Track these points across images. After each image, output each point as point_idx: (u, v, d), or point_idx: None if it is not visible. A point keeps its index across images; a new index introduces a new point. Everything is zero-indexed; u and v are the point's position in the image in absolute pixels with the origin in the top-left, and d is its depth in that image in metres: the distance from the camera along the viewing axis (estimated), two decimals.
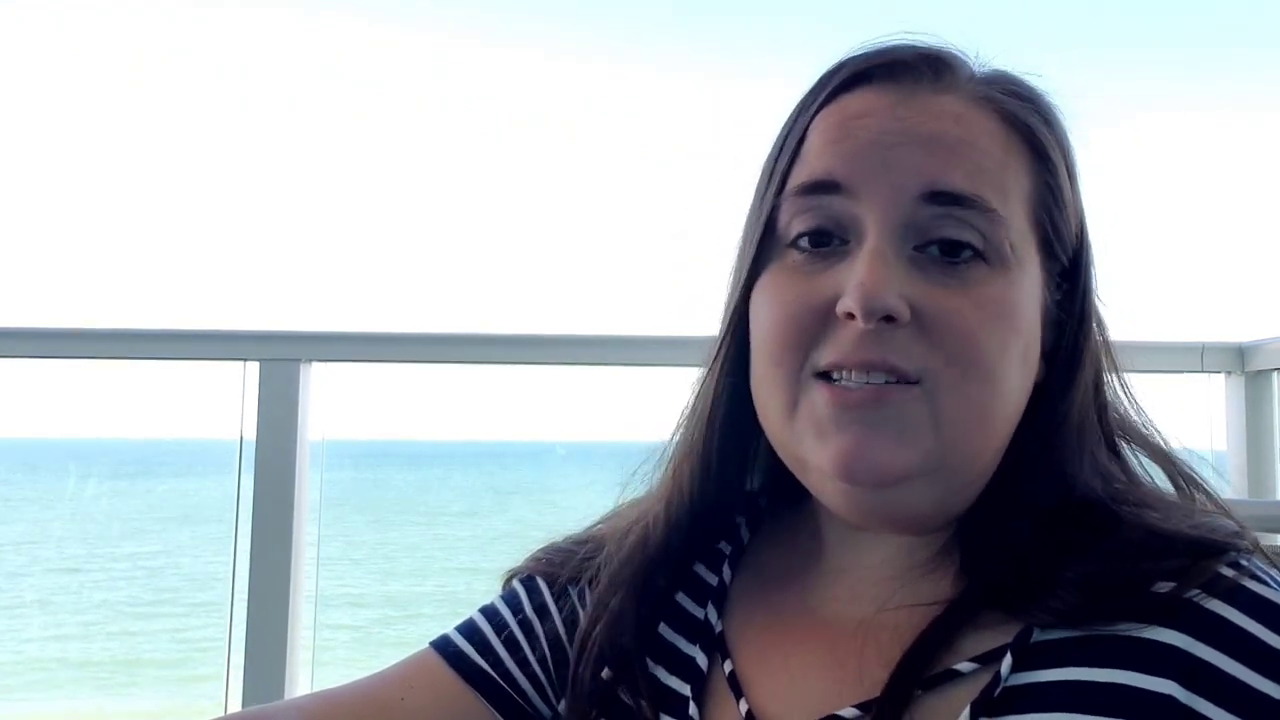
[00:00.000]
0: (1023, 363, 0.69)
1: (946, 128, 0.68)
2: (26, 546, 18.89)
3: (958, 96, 0.70)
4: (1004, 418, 0.69)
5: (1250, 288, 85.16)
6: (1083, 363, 0.73)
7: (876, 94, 0.70)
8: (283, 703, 0.79)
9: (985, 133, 0.69)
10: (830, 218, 0.69)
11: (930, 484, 0.69)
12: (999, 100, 0.71)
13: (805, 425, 0.69)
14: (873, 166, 0.68)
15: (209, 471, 22.42)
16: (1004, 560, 0.69)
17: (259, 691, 1.69)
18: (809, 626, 0.74)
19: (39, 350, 1.91)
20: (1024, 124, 0.71)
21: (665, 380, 1.87)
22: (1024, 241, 0.70)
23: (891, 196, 0.67)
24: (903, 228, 0.67)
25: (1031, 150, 0.71)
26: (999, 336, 0.67)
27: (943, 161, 0.67)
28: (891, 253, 0.67)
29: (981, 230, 0.67)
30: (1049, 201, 0.71)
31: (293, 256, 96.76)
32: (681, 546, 0.79)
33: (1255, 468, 1.79)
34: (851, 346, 0.66)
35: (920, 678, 0.66)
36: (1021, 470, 0.71)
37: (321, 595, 1.85)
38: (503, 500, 26.19)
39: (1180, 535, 0.67)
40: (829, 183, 0.69)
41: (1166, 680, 0.62)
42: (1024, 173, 0.70)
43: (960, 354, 0.66)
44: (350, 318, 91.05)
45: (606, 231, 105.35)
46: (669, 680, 0.75)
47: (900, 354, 0.66)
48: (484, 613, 0.83)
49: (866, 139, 0.69)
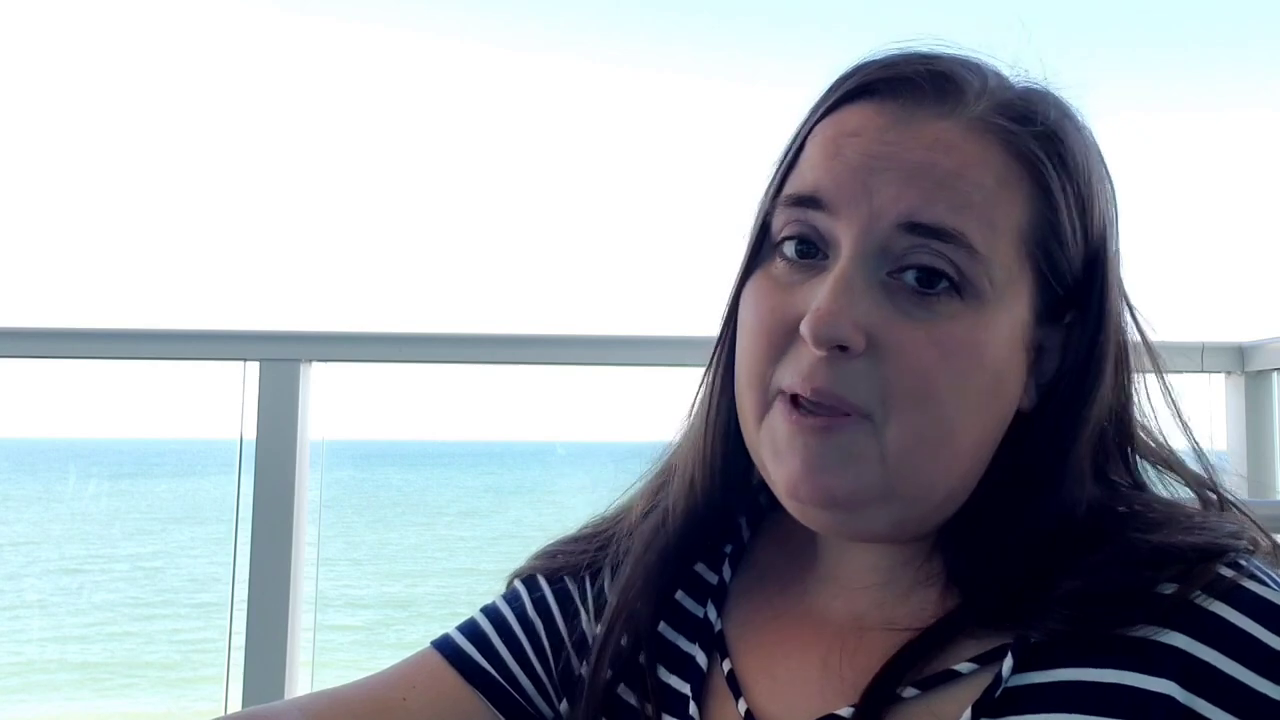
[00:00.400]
0: (991, 396, 0.68)
1: (936, 159, 0.67)
2: (26, 547, 18.89)
3: (956, 123, 0.68)
4: (964, 447, 0.68)
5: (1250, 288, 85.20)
6: (1090, 395, 0.71)
7: (875, 111, 0.70)
8: (283, 702, 0.79)
9: (979, 163, 0.68)
10: (813, 230, 0.70)
11: (883, 508, 0.68)
12: (1003, 129, 0.69)
13: (767, 439, 0.70)
14: (854, 189, 0.68)
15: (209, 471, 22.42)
16: (993, 572, 0.68)
17: (259, 692, 1.69)
18: (806, 627, 0.74)
19: (39, 350, 1.91)
20: (1029, 155, 0.69)
21: (665, 380, 1.87)
22: (1009, 275, 0.68)
23: (868, 221, 0.67)
24: (877, 253, 0.67)
25: (1034, 182, 0.69)
26: (956, 374, 0.66)
27: (924, 193, 0.66)
28: (861, 278, 0.67)
29: (958, 264, 0.66)
30: (1046, 235, 0.69)
31: (293, 256, 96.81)
32: (690, 547, 0.79)
33: (1255, 468, 1.79)
34: (806, 372, 0.67)
35: (894, 692, 0.66)
36: (1008, 491, 0.70)
37: (321, 596, 1.85)
38: (503, 500, 26.19)
39: (1178, 543, 0.67)
40: (813, 198, 0.69)
41: (1166, 681, 0.62)
42: (1019, 205, 0.68)
43: (911, 391, 0.66)
44: (350, 318, 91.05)
45: (607, 231, 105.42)
46: (669, 679, 0.75)
47: (848, 388, 0.66)
48: (486, 612, 0.83)
49: (853, 159, 0.68)
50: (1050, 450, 0.70)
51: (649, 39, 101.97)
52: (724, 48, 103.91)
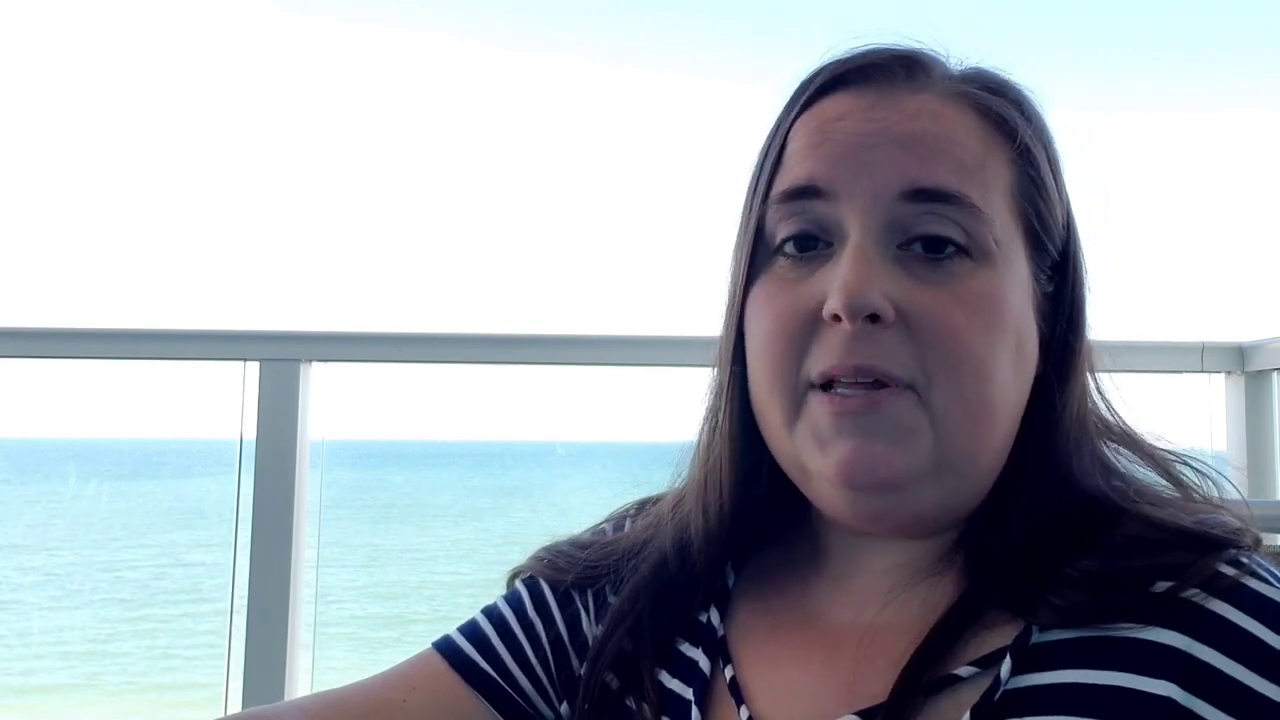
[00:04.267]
0: (1016, 355, 0.69)
1: (924, 126, 0.69)
2: (26, 547, 18.89)
3: (933, 94, 0.71)
4: (1003, 412, 0.69)
5: (1250, 288, 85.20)
6: (1077, 356, 0.73)
7: (853, 97, 0.71)
8: (284, 703, 0.79)
9: (963, 128, 0.70)
10: (814, 222, 0.70)
11: (934, 485, 0.69)
12: (975, 96, 0.71)
13: (806, 436, 0.69)
14: (852, 168, 0.68)
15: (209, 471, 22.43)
16: (1007, 559, 0.68)
17: (259, 692, 1.69)
18: (809, 633, 0.74)
19: (39, 350, 1.91)
20: (1002, 118, 0.71)
21: (665, 380, 1.87)
22: (1009, 235, 0.70)
23: (872, 197, 0.68)
24: (885, 227, 0.68)
25: (1011, 144, 0.71)
26: (986, 331, 0.67)
27: (922, 160, 0.68)
28: (875, 252, 0.67)
29: (964, 226, 0.67)
30: (1033, 194, 0.71)
31: (293, 256, 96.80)
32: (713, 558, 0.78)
33: (1255, 468, 1.79)
34: (841, 352, 0.66)
35: (924, 683, 0.66)
36: (1026, 467, 0.71)
37: (321, 595, 1.85)
38: (503, 500, 26.18)
39: (1182, 528, 0.67)
40: (810, 188, 0.69)
41: (1166, 682, 0.62)
42: (1004, 166, 0.70)
43: (948, 353, 0.66)
44: (350, 318, 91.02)
45: (607, 231, 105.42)
46: (671, 683, 0.75)
47: (888, 358, 0.66)
48: (486, 613, 0.83)
49: (845, 141, 0.69)
50: (1055, 416, 0.71)
51: (649, 39, 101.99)
52: (725, 48, 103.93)
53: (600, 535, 0.85)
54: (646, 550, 0.80)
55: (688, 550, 0.77)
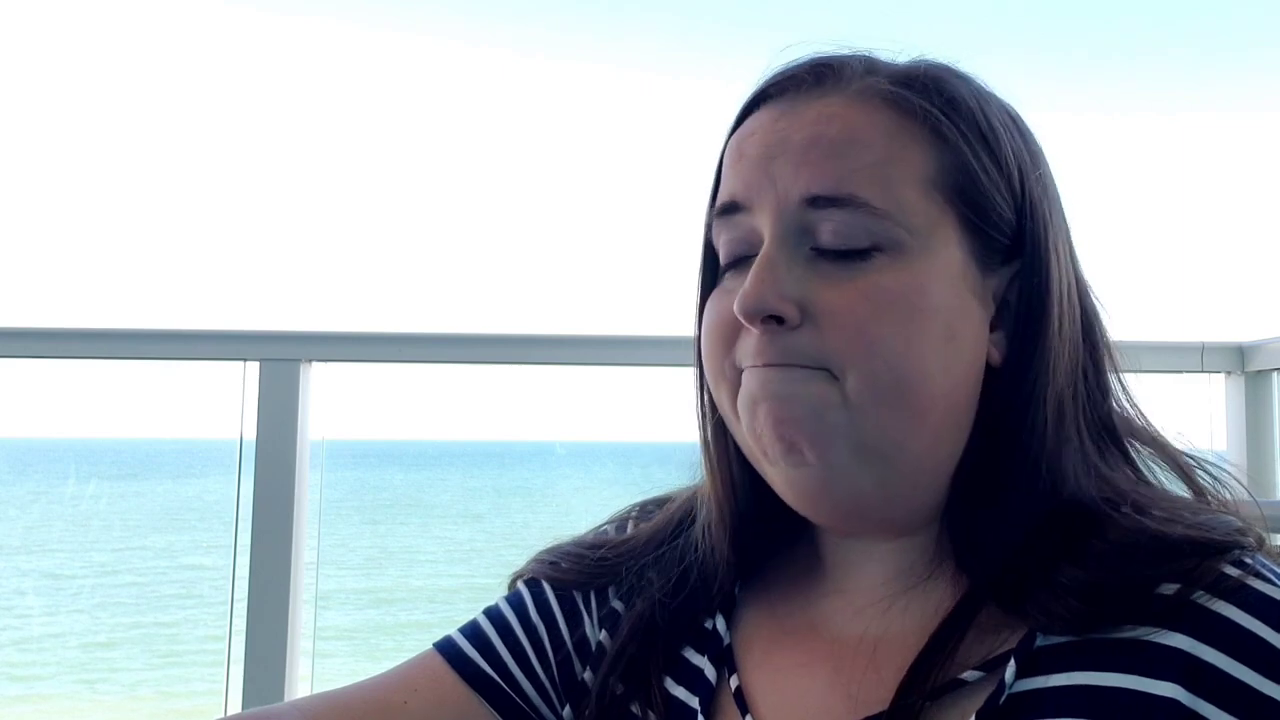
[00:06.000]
0: (945, 343, 0.69)
1: (822, 130, 0.70)
2: (26, 548, 18.88)
3: (839, 97, 0.72)
4: (929, 401, 0.68)
5: (1250, 288, 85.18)
6: (1044, 345, 0.71)
7: (767, 111, 0.74)
8: (284, 704, 0.79)
9: (868, 125, 0.70)
10: (741, 238, 0.73)
11: (863, 469, 0.69)
12: (886, 91, 0.71)
13: (745, 410, 0.71)
14: (760, 181, 0.71)
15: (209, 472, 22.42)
16: (997, 555, 0.68)
17: (259, 692, 1.69)
18: (813, 642, 0.74)
19: (39, 350, 1.90)
20: (917, 108, 0.71)
21: (665, 380, 1.87)
22: (929, 222, 0.69)
23: (778, 206, 0.70)
24: (794, 233, 0.70)
25: (929, 130, 0.71)
26: (900, 323, 0.68)
27: (816, 166, 0.69)
28: (784, 257, 0.69)
29: (865, 225, 0.68)
30: (959, 179, 0.70)
31: (293, 256, 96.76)
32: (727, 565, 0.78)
33: (1255, 468, 1.79)
34: (753, 352, 0.70)
35: (925, 689, 0.66)
36: (996, 458, 0.70)
37: (321, 595, 1.85)
38: (503, 500, 26.18)
39: (1181, 539, 0.66)
40: (731, 204, 0.73)
41: (1170, 684, 0.62)
42: (919, 154, 0.70)
43: (853, 346, 0.68)
44: (350, 318, 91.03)
45: (607, 231, 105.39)
46: (676, 690, 0.75)
47: (797, 355, 0.69)
48: (488, 615, 0.82)
49: (754, 156, 0.72)
50: (1019, 400, 0.70)
51: (650, 39, 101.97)
52: (725, 47, 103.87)
53: (603, 537, 0.85)
54: (660, 553, 0.80)
55: (708, 556, 0.78)
